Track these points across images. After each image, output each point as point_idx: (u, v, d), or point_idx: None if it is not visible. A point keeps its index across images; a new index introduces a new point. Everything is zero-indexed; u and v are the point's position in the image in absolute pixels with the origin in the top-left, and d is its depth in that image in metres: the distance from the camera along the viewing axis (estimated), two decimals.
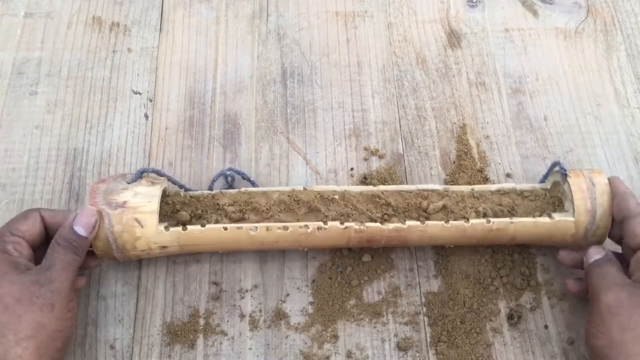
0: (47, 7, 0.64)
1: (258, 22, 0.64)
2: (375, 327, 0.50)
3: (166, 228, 0.47)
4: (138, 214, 0.45)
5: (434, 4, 0.66)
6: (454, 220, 0.48)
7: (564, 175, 0.49)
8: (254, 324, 0.50)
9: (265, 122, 0.59)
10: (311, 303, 0.51)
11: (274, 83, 0.61)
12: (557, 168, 0.50)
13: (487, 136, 0.59)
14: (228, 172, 0.52)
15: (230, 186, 0.53)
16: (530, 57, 0.63)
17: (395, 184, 0.55)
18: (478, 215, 0.49)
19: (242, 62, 0.62)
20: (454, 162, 0.57)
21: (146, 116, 0.59)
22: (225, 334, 0.49)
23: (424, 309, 0.51)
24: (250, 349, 0.49)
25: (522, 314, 0.50)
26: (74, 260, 0.44)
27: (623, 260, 0.46)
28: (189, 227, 0.47)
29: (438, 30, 0.64)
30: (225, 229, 0.47)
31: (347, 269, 0.52)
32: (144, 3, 0.65)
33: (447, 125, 0.59)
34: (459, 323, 0.50)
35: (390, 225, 0.48)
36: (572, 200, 0.48)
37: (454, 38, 0.64)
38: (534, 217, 0.49)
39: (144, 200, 0.46)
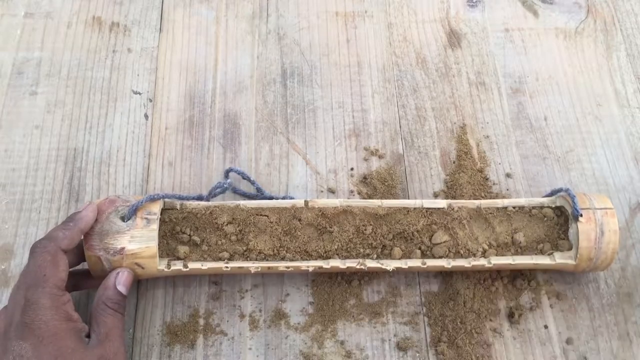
0: (47, 7, 0.64)
1: (258, 22, 0.64)
2: (375, 327, 0.50)
3: (167, 266, 0.47)
4: (138, 259, 0.45)
5: (434, 4, 0.66)
6: (455, 251, 0.49)
7: (576, 216, 0.48)
8: (254, 324, 0.50)
9: (265, 122, 0.59)
10: (311, 303, 0.51)
11: (274, 83, 0.61)
12: (571, 206, 0.48)
13: (487, 136, 0.59)
14: (226, 185, 0.52)
15: (234, 189, 0.54)
16: (530, 57, 0.63)
17: (398, 185, 0.55)
18: (479, 245, 0.49)
19: (242, 62, 0.62)
20: (454, 162, 0.57)
21: (146, 116, 0.59)
22: (225, 334, 0.49)
23: (424, 309, 0.51)
24: (250, 349, 0.49)
25: (522, 313, 0.50)
26: (123, 322, 0.44)
27: None
28: (190, 265, 0.47)
29: (438, 30, 0.64)
30: (227, 267, 0.47)
31: None
32: (144, 3, 0.65)
33: (447, 125, 0.59)
34: (459, 323, 0.50)
35: (392, 265, 0.48)
36: (577, 246, 0.47)
37: (454, 38, 0.64)
38: (537, 249, 0.49)
39: (142, 245, 0.45)
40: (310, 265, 0.48)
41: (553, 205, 0.50)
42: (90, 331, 0.43)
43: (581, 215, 0.47)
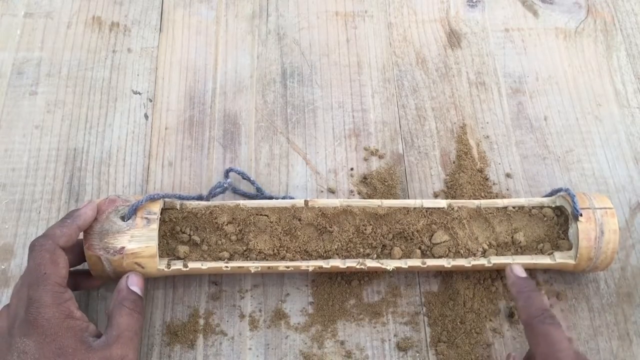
0: (47, 7, 0.64)
1: (258, 22, 0.64)
2: (375, 327, 0.50)
3: (167, 266, 0.47)
4: (137, 259, 0.45)
5: (434, 4, 0.66)
6: (455, 251, 0.49)
7: (576, 216, 0.48)
8: (253, 324, 0.50)
9: (265, 122, 0.59)
10: (311, 303, 0.51)
11: (274, 83, 0.61)
12: (571, 206, 0.48)
13: (487, 136, 0.59)
14: (226, 185, 0.52)
15: (234, 189, 0.54)
16: (530, 57, 0.63)
17: (398, 185, 0.55)
18: (479, 245, 0.49)
19: (242, 62, 0.62)
20: (454, 162, 0.57)
21: (146, 116, 0.59)
22: (225, 334, 0.49)
23: (424, 309, 0.51)
24: (250, 349, 0.49)
25: None
26: (139, 324, 0.43)
27: None
28: (189, 265, 0.47)
29: (438, 30, 0.64)
30: (227, 267, 0.47)
31: None
32: (144, 3, 0.65)
33: (447, 125, 0.59)
34: (459, 323, 0.50)
35: (392, 265, 0.48)
36: (577, 245, 0.47)
37: (454, 38, 0.64)
38: (537, 248, 0.49)
39: (142, 245, 0.45)
40: (310, 265, 0.48)
41: (553, 205, 0.50)
42: (104, 333, 0.42)
43: (581, 215, 0.47)
